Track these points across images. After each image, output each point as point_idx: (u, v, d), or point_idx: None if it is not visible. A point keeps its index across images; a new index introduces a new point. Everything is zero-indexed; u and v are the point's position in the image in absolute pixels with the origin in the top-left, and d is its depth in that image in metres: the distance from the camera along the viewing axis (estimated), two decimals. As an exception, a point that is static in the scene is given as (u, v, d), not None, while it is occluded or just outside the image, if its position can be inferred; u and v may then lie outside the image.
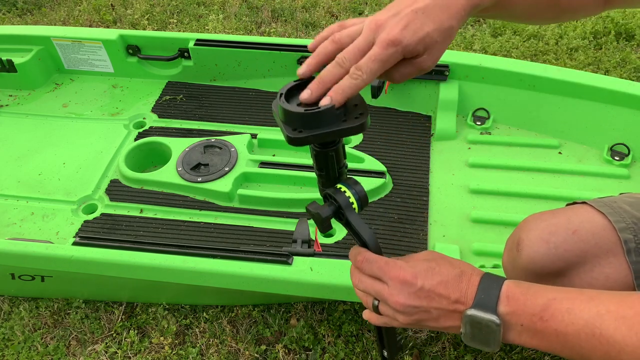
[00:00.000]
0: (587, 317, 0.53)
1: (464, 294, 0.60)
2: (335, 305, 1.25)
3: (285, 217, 1.29)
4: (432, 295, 0.60)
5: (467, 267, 0.62)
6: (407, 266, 0.62)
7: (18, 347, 1.22)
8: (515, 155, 1.42)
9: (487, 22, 2.26)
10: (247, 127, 1.55)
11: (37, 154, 1.50)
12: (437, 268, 0.61)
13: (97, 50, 1.68)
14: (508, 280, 0.60)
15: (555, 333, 0.55)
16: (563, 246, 0.75)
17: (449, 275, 0.61)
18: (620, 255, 0.73)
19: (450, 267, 0.62)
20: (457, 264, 0.62)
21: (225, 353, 1.19)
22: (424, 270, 0.61)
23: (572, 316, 0.54)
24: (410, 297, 0.61)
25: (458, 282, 0.60)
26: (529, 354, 1.16)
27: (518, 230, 0.81)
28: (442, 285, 0.60)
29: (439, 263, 0.62)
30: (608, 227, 0.75)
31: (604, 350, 0.52)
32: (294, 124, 0.59)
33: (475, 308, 0.58)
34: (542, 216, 0.80)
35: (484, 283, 0.59)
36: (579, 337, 0.53)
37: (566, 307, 0.54)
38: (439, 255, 0.64)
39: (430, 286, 0.60)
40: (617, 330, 0.51)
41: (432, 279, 0.60)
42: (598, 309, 0.53)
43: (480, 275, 0.61)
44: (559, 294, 0.56)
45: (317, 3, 2.49)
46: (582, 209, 0.79)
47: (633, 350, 0.50)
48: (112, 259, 1.08)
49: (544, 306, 0.56)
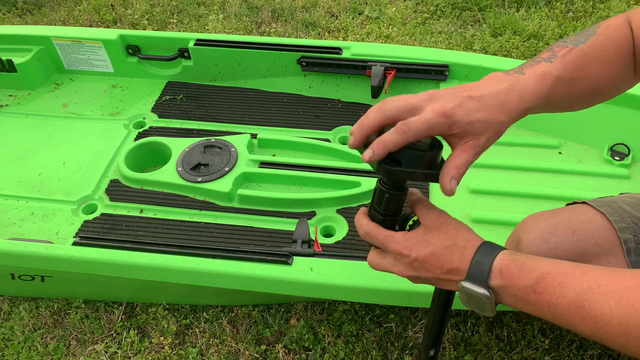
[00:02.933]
0: (578, 290, 0.55)
1: (457, 265, 0.62)
2: (335, 305, 1.25)
3: (285, 217, 1.29)
4: (425, 265, 0.64)
5: (462, 238, 0.63)
6: (403, 239, 0.65)
7: (18, 347, 1.22)
8: (515, 155, 1.42)
9: (487, 22, 2.26)
10: (247, 127, 1.55)
11: (37, 154, 1.50)
12: (431, 240, 0.64)
13: (97, 50, 1.68)
14: (502, 253, 0.61)
15: (547, 304, 0.57)
16: (563, 246, 0.75)
17: (440, 247, 0.63)
18: (620, 255, 0.73)
19: (444, 239, 0.63)
20: (452, 235, 0.64)
21: (225, 353, 1.19)
22: (418, 242, 0.64)
23: (563, 289, 0.55)
24: (407, 267, 0.65)
25: (449, 253, 0.63)
26: (529, 354, 1.16)
27: (518, 229, 0.82)
28: (434, 256, 0.63)
29: (433, 234, 0.64)
30: (608, 227, 0.75)
31: (591, 322, 0.54)
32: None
33: (467, 281, 0.61)
34: (542, 216, 0.80)
35: (478, 256, 0.61)
36: (569, 309, 0.55)
37: (559, 281, 0.56)
38: (440, 223, 0.65)
39: (423, 257, 0.64)
40: (605, 304, 0.53)
41: (424, 250, 0.64)
42: (589, 283, 0.55)
43: (475, 247, 0.62)
44: (553, 268, 0.57)
45: (317, 3, 2.49)
46: (582, 209, 0.79)
47: (619, 323, 0.52)
48: (112, 259, 1.08)
49: (537, 279, 0.57)
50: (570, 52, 0.68)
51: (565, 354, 1.15)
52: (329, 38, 2.29)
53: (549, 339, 1.18)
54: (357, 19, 2.38)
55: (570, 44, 0.69)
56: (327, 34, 2.31)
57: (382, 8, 2.43)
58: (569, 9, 2.31)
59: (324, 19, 2.37)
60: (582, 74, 0.68)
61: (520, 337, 1.18)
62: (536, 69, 0.66)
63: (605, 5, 2.29)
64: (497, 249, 0.61)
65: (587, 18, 2.24)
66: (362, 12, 2.41)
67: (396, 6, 2.44)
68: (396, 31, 2.26)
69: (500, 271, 0.59)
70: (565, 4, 2.33)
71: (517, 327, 1.20)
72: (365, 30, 2.29)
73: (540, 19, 2.24)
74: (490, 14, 2.29)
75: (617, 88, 0.75)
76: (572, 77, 0.67)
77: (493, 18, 2.26)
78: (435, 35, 2.23)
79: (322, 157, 1.44)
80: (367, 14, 2.39)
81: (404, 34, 2.24)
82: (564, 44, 0.70)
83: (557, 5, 2.32)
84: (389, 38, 2.24)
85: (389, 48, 1.59)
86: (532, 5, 2.35)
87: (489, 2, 2.36)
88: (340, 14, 2.42)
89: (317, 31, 2.32)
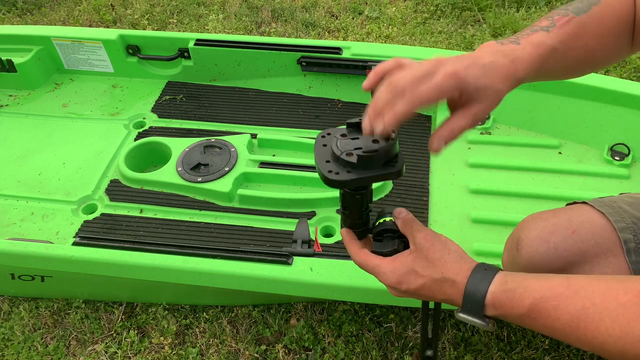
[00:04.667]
0: (572, 312, 0.55)
1: (450, 297, 0.63)
2: (335, 305, 1.25)
3: (285, 217, 1.29)
4: (418, 295, 0.65)
5: (451, 270, 0.63)
6: (390, 271, 0.65)
7: (18, 347, 1.22)
8: (515, 155, 1.41)
9: (487, 22, 2.26)
10: (247, 127, 1.54)
11: (37, 154, 1.50)
12: (420, 271, 0.64)
13: (97, 50, 1.68)
14: (493, 284, 0.60)
15: (543, 326, 0.57)
16: (562, 246, 0.75)
17: (430, 280, 0.63)
18: (620, 255, 0.73)
19: (432, 271, 0.63)
20: (440, 267, 0.63)
21: (225, 353, 1.19)
22: (406, 274, 0.64)
23: (558, 312, 0.55)
24: (400, 294, 0.67)
25: (440, 286, 0.63)
26: (529, 354, 1.16)
27: (518, 229, 0.81)
28: (425, 288, 0.64)
29: (421, 265, 0.64)
30: (608, 227, 0.75)
31: (588, 341, 0.54)
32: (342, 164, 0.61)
33: (463, 312, 0.62)
34: (542, 216, 0.80)
35: (469, 289, 0.61)
36: (564, 330, 0.55)
37: (552, 305, 0.56)
38: (427, 250, 0.64)
39: (414, 290, 0.64)
40: (601, 323, 0.53)
41: (414, 283, 0.64)
42: (583, 304, 0.54)
43: (465, 278, 0.62)
44: (545, 292, 0.57)
45: (317, 3, 2.49)
46: (582, 209, 0.79)
47: (616, 341, 0.52)
48: (112, 259, 1.08)
49: (530, 306, 0.57)
50: (569, 22, 0.66)
51: (565, 354, 1.15)
52: (329, 38, 2.29)
53: (549, 339, 1.18)
54: (357, 19, 2.38)
55: (571, 12, 0.68)
56: (327, 34, 2.31)
57: (382, 8, 2.43)
58: (569, 9, 2.31)
59: (324, 19, 2.37)
60: (579, 44, 0.67)
61: (520, 337, 1.18)
62: (532, 38, 0.64)
63: (605, 5, 2.29)
64: (487, 278, 0.61)
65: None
66: (362, 12, 2.41)
67: (396, 6, 2.44)
68: (396, 31, 2.26)
69: (493, 305, 0.60)
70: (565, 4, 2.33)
71: (517, 327, 1.20)
72: (365, 30, 2.29)
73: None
74: (490, 14, 2.29)
75: (613, 58, 0.74)
76: (568, 47, 0.66)
77: (493, 18, 2.26)
78: (435, 35, 2.23)
79: (322, 157, 1.44)
80: (367, 14, 2.39)
81: (404, 34, 2.24)
82: (565, 12, 0.68)
83: (557, 5, 2.32)
84: (389, 38, 2.24)
85: (389, 48, 1.59)
86: (532, 5, 2.35)
87: (489, 2, 2.36)
88: (340, 14, 2.42)
89: (317, 31, 2.32)
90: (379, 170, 0.60)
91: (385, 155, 0.60)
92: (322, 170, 0.61)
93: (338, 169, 0.60)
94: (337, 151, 0.61)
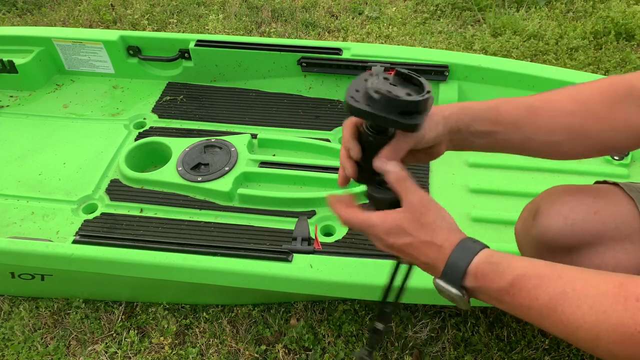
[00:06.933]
0: (552, 294, 0.54)
1: (433, 262, 0.62)
2: (335, 305, 1.25)
3: (285, 216, 1.29)
4: (402, 252, 0.64)
5: (440, 236, 0.62)
6: (380, 222, 0.64)
7: (18, 347, 1.22)
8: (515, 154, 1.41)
9: (487, 22, 2.27)
10: (247, 127, 1.55)
11: (37, 154, 1.50)
12: (409, 230, 0.63)
13: (98, 51, 1.69)
14: (479, 255, 0.60)
15: (520, 306, 0.57)
16: (581, 225, 0.74)
17: (418, 240, 0.62)
18: (637, 243, 0.71)
19: (422, 233, 0.62)
20: (429, 230, 0.62)
21: (225, 353, 1.19)
22: (395, 229, 0.63)
23: (538, 292, 0.55)
24: (386, 247, 0.66)
25: (426, 248, 0.62)
26: (529, 354, 1.16)
27: (539, 198, 0.79)
28: (412, 247, 0.63)
29: (412, 225, 0.63)
30: (633, 214, 0.73)
31: (562, 326, 0.54)
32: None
33: (442, 279, 0.61)
34: (567, 189, 0.78)
35: (454, 257, 0.60)
36: (541, 311, 0.55)
37: (533, 284, 0.56)
38: (420, 212, 0.63)
39: (400, 246, 0.63)
40: (578, 309, 0.52)
41: (402, 239, 0.63)
42: (564, 287, 0.54)
43: (452, 246, 0.61)
44: (528, 270, 0.57)
45: (317, 3, 2.50)
46: (611, 191, 0.77)
47: (590, 329, 0.52)
48: (112, 257, 1.08)
49: (511, 282, 0.57)
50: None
51: (565, 354, 1.15)
52: (329, 38, 2.30)
53: (549, 339, 1.18)
54: (357, 19, 2.38)
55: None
56: (327, 34, 2.32)
57: (382, 8, 2.43)
58: (569, 9, 2.32)
59: (324, 19, 2.38)
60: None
61: (520, 337, 1.18)
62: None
63: (605, 5, 2.29)
64: (474, 250, 0.60)
65: (587, 18, 2.25)
66: (362, 12, 2.41)
67: (396, 6, 2.44)
68: (396, 31, 2.26)
69: (475, 274, 0.59)
70: (565, 4, 2.33)
71: (517, 327, 1.20)
72: (365, 31, 2.29)
73: (540, 19, 2.24)
74: (490, 14, 2.29)
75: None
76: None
77: (493, 18, 2.26)
78: (435, 35, 2.23)
79: (322, 157, 1.44)
80: (367, 14, 2.39)
81: (404, 34, 2.24)
82: None
83: (557, 5, 2.32)
84: (389, 38, 2.24)
85: (389, 48, 1.60)
86: (532, 5, 2.35)
87: (489, 2, 2.36)
88: (340, 14, 2.42)
89: (317, 31, 2.32)
90: (394, 116, 0.61)
91: (405, 105, 0.61)
92: (347, 93, 0.62)
93: (360, 99, 0.62)
94: (369, 84, 0.62)
